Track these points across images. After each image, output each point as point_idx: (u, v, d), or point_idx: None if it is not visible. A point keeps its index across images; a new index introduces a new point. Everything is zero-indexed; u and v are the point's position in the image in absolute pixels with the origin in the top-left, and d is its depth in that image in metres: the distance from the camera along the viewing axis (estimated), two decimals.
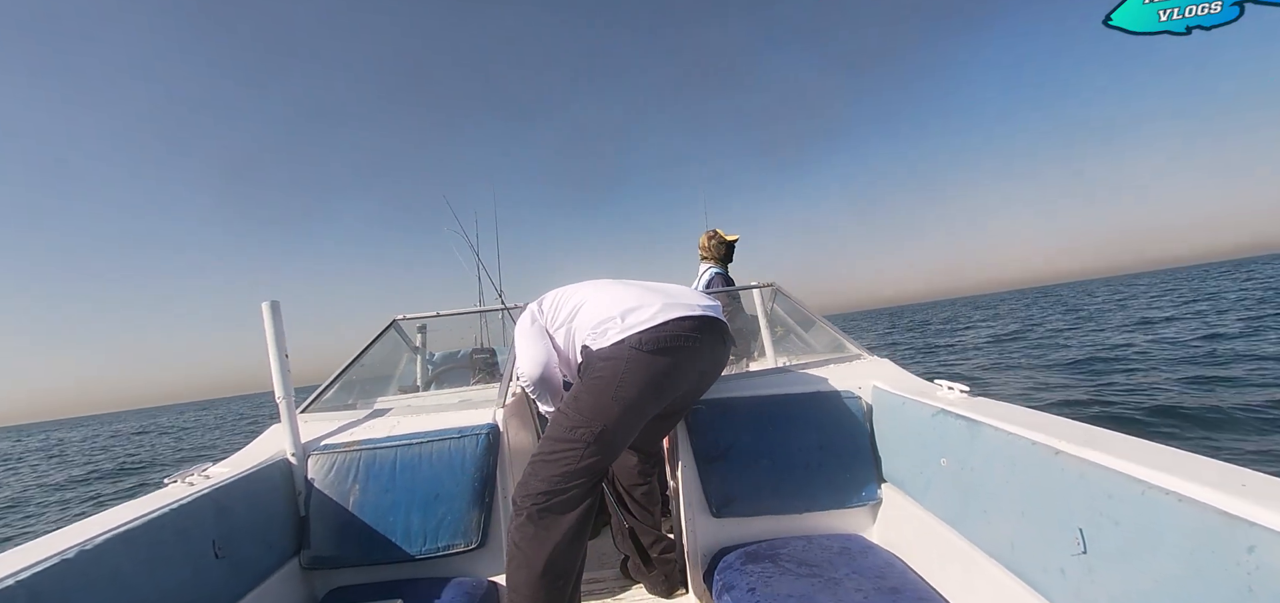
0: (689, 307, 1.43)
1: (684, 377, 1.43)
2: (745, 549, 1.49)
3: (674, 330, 1.38)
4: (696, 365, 1.45)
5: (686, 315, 1.40)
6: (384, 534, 1.50)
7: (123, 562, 1.05)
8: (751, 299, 2.83)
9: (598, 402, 1.34)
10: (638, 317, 1.39)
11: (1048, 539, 0.98)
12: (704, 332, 1.43)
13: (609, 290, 1.52)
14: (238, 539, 1.33)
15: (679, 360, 1.38)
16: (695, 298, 1.50)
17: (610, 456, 1.37)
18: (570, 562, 1.32)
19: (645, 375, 1.34)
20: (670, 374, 1.38)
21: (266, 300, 1.53)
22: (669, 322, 1.38)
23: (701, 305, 1.46)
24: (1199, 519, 0.73)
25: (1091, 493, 0.90)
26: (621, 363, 1.35)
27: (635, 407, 1.34)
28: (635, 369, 1.34)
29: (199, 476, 1.41)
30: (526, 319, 1.63)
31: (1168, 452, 0.87)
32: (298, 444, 1.60)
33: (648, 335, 1.36)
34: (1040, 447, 1.02)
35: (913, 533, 1.45)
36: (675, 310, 1.40)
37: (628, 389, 1.33)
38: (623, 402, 1.33)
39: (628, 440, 1.42)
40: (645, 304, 1.42)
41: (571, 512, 1.31)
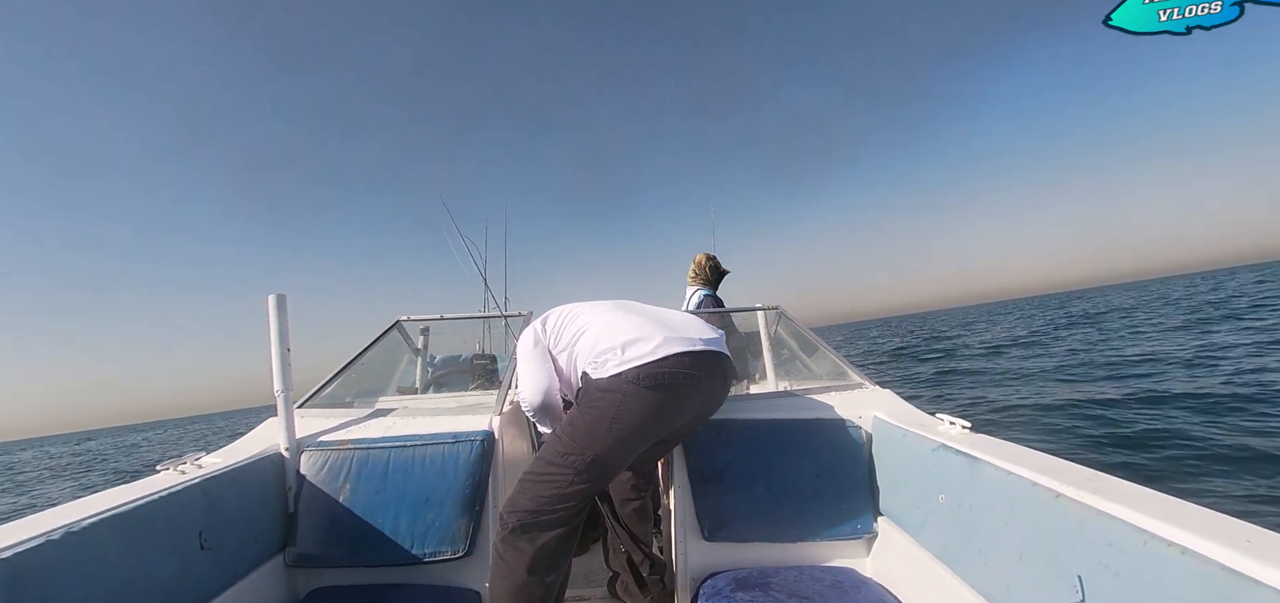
0: (690, 341, 1.42)
1: (681, 413, 1.43)
2: (736, 576, 1.46)
3: (673, 367, 1.37)
4: (694, 402, 1.45)
5: (686, 351, 1.39)
6: (371, 536, 1.48)
7: (108, 546, 1.04)
8: (750, 319, 2.82)
9: (592, 431, 1.34)
10: (637, 349, 1.38)
11: (1045, 585, 0.95)
12: (703, 367, 1.42)
13: (611, 317, 1.52)
14: (224, 531, 1.33)
15: (676, 396, 1.38)
16: (698, 330, 1.48)
17: (600, 483, 1.39)
18: (552, 579, 1.32)
19: (641, 410, 1.34)
20: (667, 409, 1.38)
21: (273, 294, 1.54)
22: (669, 357, 1.37)
23: (703, 339, 1.45)
24: (1201, 574, 0.71)
25: (1092, 540, 0.87)
26: (619, 396, 1.34)
27: (629, 439, 1.35)
28: (632, 403, 1.33)
29: (191, 464, 1.41)
30: (530, 339, 1.62)
31: (1173, 502, 0.85)
32: (292, 439, 1.60)
33: (645, 371, 1.35)
34: (1042, 489, 1.00)
35: (907, 569, 1.42)
36: (675, 344, 1.39)
37: (623, 423, 1.33)
38: (617, 434, 1.33)
39: (619, 470, 1.43)
40: (646, 336, 1.41)
41: (555, 531, 1.32)
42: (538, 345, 1.60)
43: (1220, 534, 0.73)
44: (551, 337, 1.61)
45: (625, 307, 1.59)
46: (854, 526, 1.55)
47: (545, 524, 1.31)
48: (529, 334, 1.63)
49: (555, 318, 1.64)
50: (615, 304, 1.61)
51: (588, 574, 2.08)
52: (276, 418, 1.61)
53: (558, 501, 1.32)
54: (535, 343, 1.60)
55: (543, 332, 1.63)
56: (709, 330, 1.51)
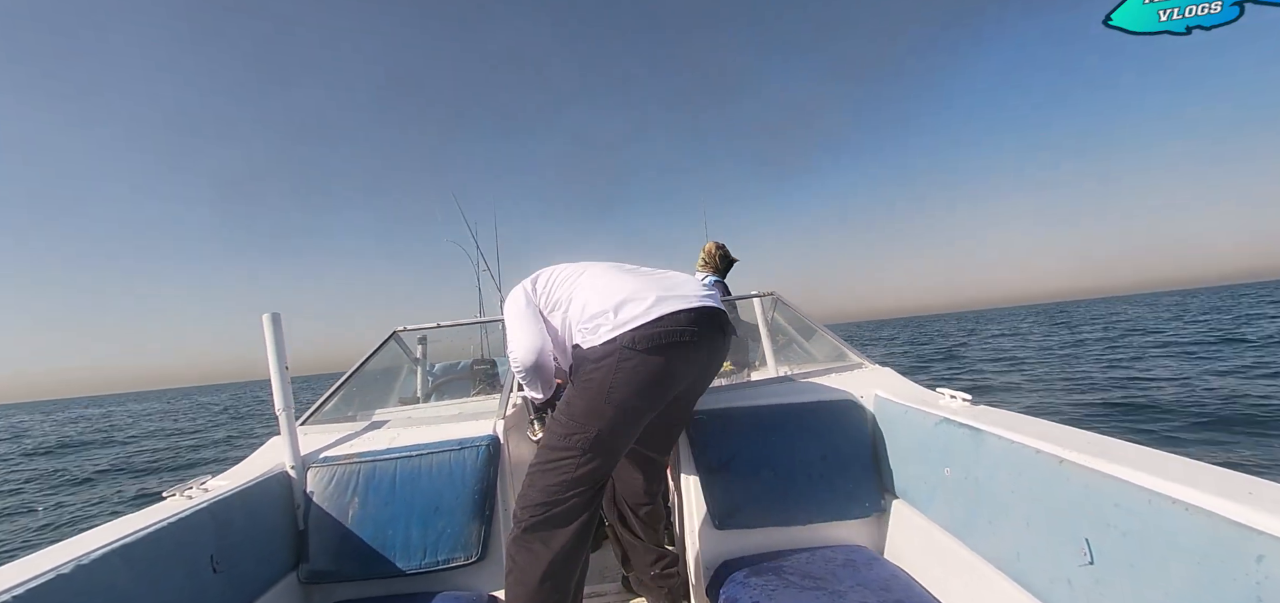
0: (685, 298, 1.36)
1: (682, 375, 1.37)
2: (748, 562, 1.48)
3: (669, 326, 1.31)
4: (694, 362, 1.39)
5: (682, 308, 1.33)
6: (383, 548, 1.48)
7: (120, 577, 1.03)
8: (748, 307, 2.83)
9: (591, 406, 1.29)
10: (630, 311, 1.32)
11: (1054, 550, 0.97)
12: (701, 324, 1.36)
13: (602, 278, 1.46)
14: (236, 554, 1.32)
15: (674, 358, 1.32)
16: (691, 287, 1.43)
17: (609, 461, 1.33)
18: (568, 575, 1.28)
19: (640, 376, 1.28)
20: (666, 373, 1.32)
21: (267, 313, 1.53)
22: (664, 317, 1.31)
23: (698, 296, 1.40)
24: (1207, 528, 0.72)
25: (1098, 502, 0.89)
26: (614, 363, 1.29)
27: (631, 409, 1.30)
28: (628, 370, 1.28)
29: (197, 488, 1.40)
30: (519, 298, 1.55)
31: (1175, 460, 0.87)
32: (297, 457, 1.59)
33: (641, 333, 1.29)
34: (1045, 456, 1.01)
35: (917, 544, 1.44)
36: (670, 303, 1.34)
37: (621, 391, 1.28)
38: (616, 404, 1.28)
39: (626, 444, 1.37)
40: (638, 296, 1.35)
41: (570, 524, 1.28)
42: (529, 305, 1.54)
43: (1223, 488, 0.75)
44: (541, 296, 1.55)
45: (618, 267, 1.53)
46: (862, 504, 1.57)
47: (559, 518, 1.27)
48: (518, 293, 1.56)
49: (546, 278, 1.58)
50: (608, 265, 1.54)
51: (602, 570, 2.09)
52: (280, 436, 1.60)
53: (568, 487, 1.27)
54: (526, 302, 1.54)
55: (532, 291, 1.56)
56: (702, 288, 1.46)
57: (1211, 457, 3.49)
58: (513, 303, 1.55)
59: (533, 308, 1.54)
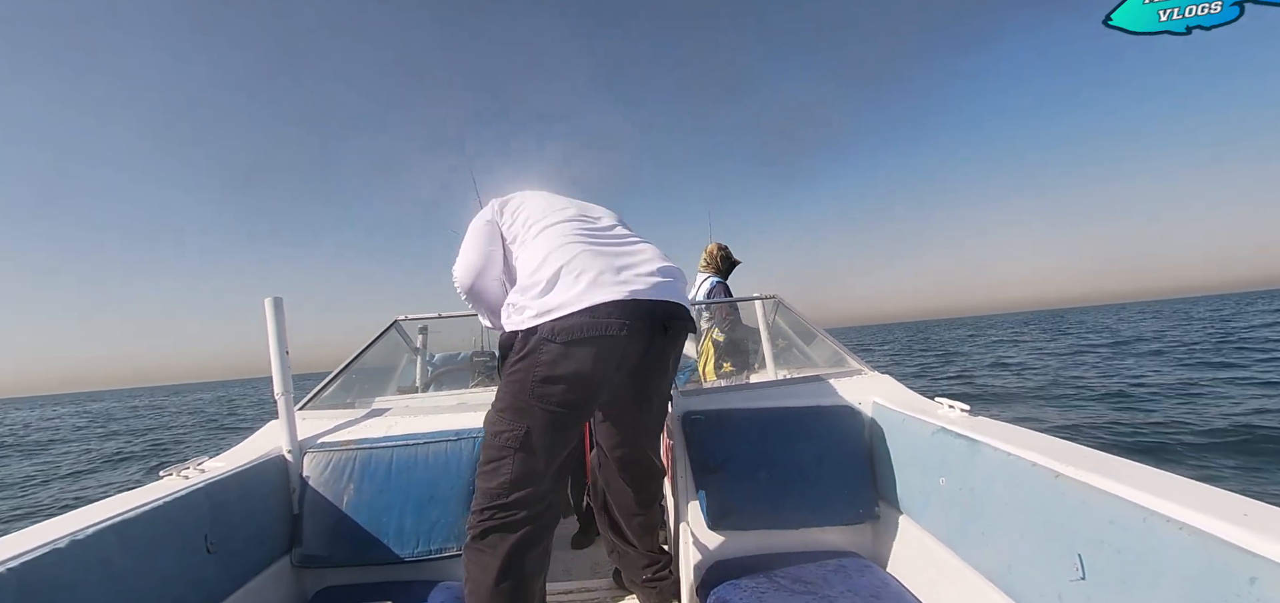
0: (622, 282, 1.20)
1: (609, 376, 1.21)
2: (741, 563, 1.48)
3: (588, 321, 1.15)
4: (628, 359, 1.23)
5: (612, 300, 1.17)
6: (376, 535, 1.49)
7: (114, 553, 1.04)
8: (751, 311, 2.83)
9: (517, 402, 1.19)
10: (558, 296, 1.19)
11: (1046, 564, 0.97)
12: (638, 318, 1.20)
13: (551, 236, 1.32)
14: (230, 535, 1.33)
15: (601, 355, 1.17)
16: (644, 270, 1.26)
17: (547, 460, 1.20)
18: (525, 583, 1.17)
19: (564, 371, 1.15)
20: (592, 371, 1.17)
21: (269, 296, 1.54)
22: (595, 306, 1.16)
23: (646, 282, 1.23)
24: (1201, 549, 0.72)
25: (1092, 518, 0.88)
26: (533, 358, 1.17)
27: (559, 407, 1.17)
28: (546, 364, 1.16)
29: (194, 469, 1.41)
30: (483, 216, 1.45)
31: (1171, 479, 0.86)
32: (294, 441, 1.60)
33: (562, 324, 1.16)
34: (1041, 469, 1.01)
35: (910, 553, 1.44)
36: (602, 290, 1.18)
37: (546, 387, 1.16)
38: (543, 400, 1.16)
39: (565, 444, 1.24)
40: (576, 272, 1.21)
41: (518, 531, 1.16)
42: (490, 225, 1.44)
43: (1218, 509, 0.74)
44: (507, 223, 1.44)
45: (576, 228, 1.35)
46: (856, 510, 1.57)
47: (506, 524, 1.16)
48: (485, 213, 1.46)
49: (515, 205, 1.46)
50: (566, 226, 1.35)
51: (593, 567, 2.10)
52: (278, 421, 1.61)
53: (509, 490, 1.16)
54: (485, 222, 1.44)
55: (500, 215, 1.45)
56: (657, 269, 1.29)
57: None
58: (475, 222, 1.47)
59: (493, 230, 1.44)
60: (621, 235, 1.38)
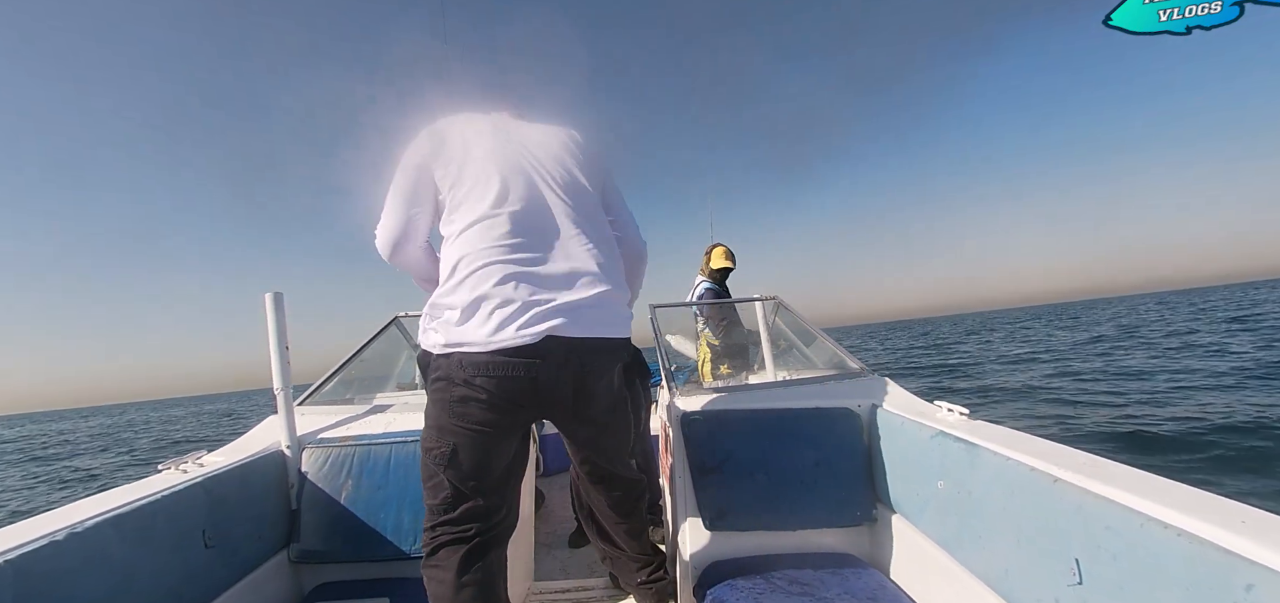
0: (534, 319, 1.06)
1: (529, 406, 1.12)
2: (737, 564, 1.48)
3: (493, 360, 1.06)
4: (546, 392, 1.11)
5: (519, 345, 1.05)
6: (374, 531, 1.49)
7: (112, 546, 1.04)
8: (750, 313, 2.83)
9: (440, 421, 1.11)
10: (467, 332, 1.07)
11: (1043, 569, 0.97)
12: (548, 358, 1.08)
13: (467, 244, 1.13)
14: (228, 529, 1.33)
15: (511, 393, 1.09)
16: (564, 292, 1.11)
17: (479, 477, 1.12)
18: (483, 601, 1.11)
19: (477, 398, 1.08)
20: (506, 404, 1.09)
21: (269, 291, 1.54)
22: (495, 351, 1.05)
23: (566, 315, 1.09)
24: (1198, 555, 0.72)
25: (1089, 523, 0.88)
26: (449, 381, 1.09)
27: (479, 427, 1.09)
28: (464, 390, 1.08)
29: (193, 463, 1.41)
30: (413, 158, 1.21)
31: (1168, 485, 0.86)
32: (293, 437, 1.60)
33: (468, 360, 1.06)
34: (1039, 474, 1.01)
35: (907, 556, 1.43)
36: (511, 330, 1.05)
37: (462, 408, 1.09)
38: (462, 419, 1.09)
39: (499, 458, 1.15)
40: (489, 307, 1.07)
41: (465, 546, 1.11)
42: (419, 173, 1.21)
43: (1215, 516, 0.74)
44: (440, 176, 1.20)
45: (504, 223, 1.13)
46: (854, 513, 1.57)
47: (457, 538, 1.11)
48: (415, 151, 1.22)
49: (452, 152, 1.20)
50: (498, 214, 1.13)
51: (589, 566, 2.10)
52: (277, 416, 1.61)
53: (455, 504, 1.11)
54: (415, 169, 1.21)
55: (434, 161, 1.20)
56: (585, 299, 1.12)
57: None
58: (405, 156, 1.23)
59: (421, 184, 1.21)
60: (560, 234, 1.17)
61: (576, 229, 1.18)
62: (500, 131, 1.24)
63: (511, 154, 1.20)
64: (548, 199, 1.19)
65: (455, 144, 1.21)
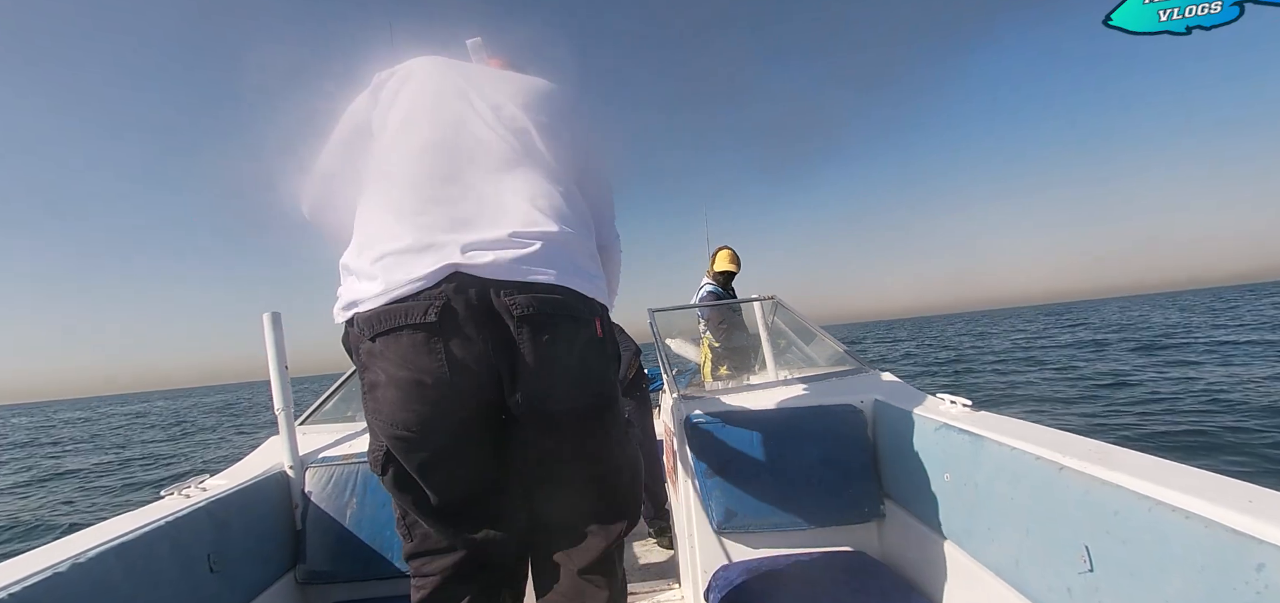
0: (441, 247, 0.80)
1: (445, 386, 0.79)
2: (747, 566, 1.47)
3: (390, 307, 0.79)
4: (470, 362, 0.79)
5: (428, 286, 0.79)
6: (380, 550, 1.48)
7: (116, 576, 1.03)
8: (749, 313, 2.83)
9: (366, 410, 0.86)
10: (368, 284, 0.82)
11: (1054, 557, 0.97)
12: (460, 302, 0.78)
13: (381, 180, 0.91)
14: (233, 553, 1.32)
15: (411, 354, 0.78)
16: (487, 223, 0.84)
17: (434, 491, 0.85)
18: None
19: (380, 377, 0.81)
20: (414, 384, 0.78)
21: (267, 312, 1.53)
22: (389, 294, 0.79)
23: (484, 252, 0.80)
24: (1207, 537, 0.72)
25: (1098, 510, 0.89)
26: (357, 358, 0.86)
27: (399, 427, 0.80)
28: (368, 368, 0.83)
29: (196, 488, 1.40)
30: (354, 111, 1.00)
31: (1175, 468, 0.86)
32: (295, 457, 1.59)
33: (366, 321, 0.81)
34: (1045, 462, 1.01)
35: (916, 550, 1.43)
36: (411, 262, 0.80)
37: (376, 398, 0.82)
38: (379, 416, 0.82)
39: (447, 472, 0.85)
40: (396, 237, 0.82)
41: (430, 576, 0.92)
42: (356, 134, 0.99)
43: (1223, 497, 0.74)
44: (378, 121, 0.97)
45: (427, 154, 0.90)
46: (861, 509, 1.57)
47: (421, 567, 0.93)
48: (359, 103, 1.00)
49: (396, 88, 0.98)
50: (423, 145, 0.91)
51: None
52: (279, 436, 1.60)
53: (411, 532, 0.92)
54: (353, 129, 0.99)
55: (375, 106, 0.98)
56: (511, 233, 0.83)
57: None
58: (348, 110, 1.01)
59: (356, 140, 0.98)
60: (491, 163, 0.90)
61: (517, 174, 0.90)
62: (453, 70, 1.01)
63: (455, 82, 0.97)
64: (484, 123, 0.93)
65: (400, 75, 0.99)
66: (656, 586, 1.96)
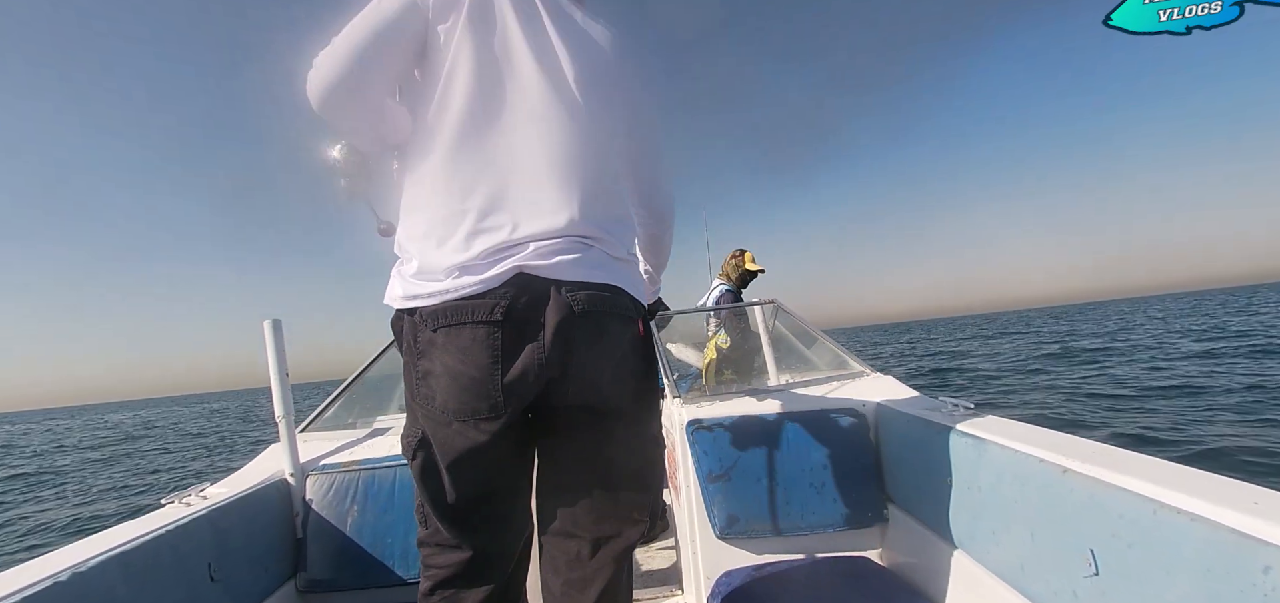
0: (510, 252, 0.80)
1: (496, 383, 0.80)
2: (750, 572, 1.47)
3: (460, 313, 0.80)
4: (532, 361, 0.80)
5: (483, 290, 0.79)
6: (381, 558, 1.48)
7: (117, 585, 1.03)
8: (750, 318, 2.83)
9: (408, 398, 0.88)
10: (431, 282, 0.82)
11: (1058, 561, 0.96)
12: (523, 313, 0.80)
13: (433, 170, 0.84)
14: (233, 562, 1.31)
15: (480, 358, 0.79)
16: (530, 211, 0.82)
17: (454, 486, 0.85)
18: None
19: (442, 367, 0.81)
20: (476, 374, 0.79)
21: (268, 319, 1.53)
22: (462, 300, 0.79)
23: (535, 245, 0.81)
24: (1213, 539, 0.72)
25: (1103, 513, 0.88)
26: (408, 343, 0.86)
27: (445, 418, 0.82)
28: (426, 356, 0.83)
29: (196, 496, 1.40)
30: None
31: (1180, 470, 0.86)
32: (296, 464, 1.59)
33: (429, 314, 0.82)
34: (1049, 465, 1.00)
35: (919, 554, 1.43)
36: (480, 266, 0.80)
37: (428, 386, 0.83)
38: (426, 403, 0.83)
39: (473, 470, 0.85)
40: (459, 231, 0.81)
41: (441, 571, 0.91)
42: (404, 29, 0.83)
43: (1228, 499, 0.74)
44: (434, 33, 0.84)
45: (470, 139, 0.84)
46: (864, 514, 1.56)
47: (433, 564, 0.92)
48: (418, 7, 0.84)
49: (454, 22, 0.84)
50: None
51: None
52: (279, 444, 1.60)
53: (426, 521, 0.91)
54: (399, 18, 0.82)
55: (430, 14, 0.84)
56: (560, 226, 0.82)
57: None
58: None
59: (409, 14, 0.82)
60: (555, 136, 0.85)
61: (571, 153, 0.86)
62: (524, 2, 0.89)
63: (518, 31, 0.87)
64: (550, 102, 0.86)
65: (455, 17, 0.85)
66: (659, 592, 1.95)
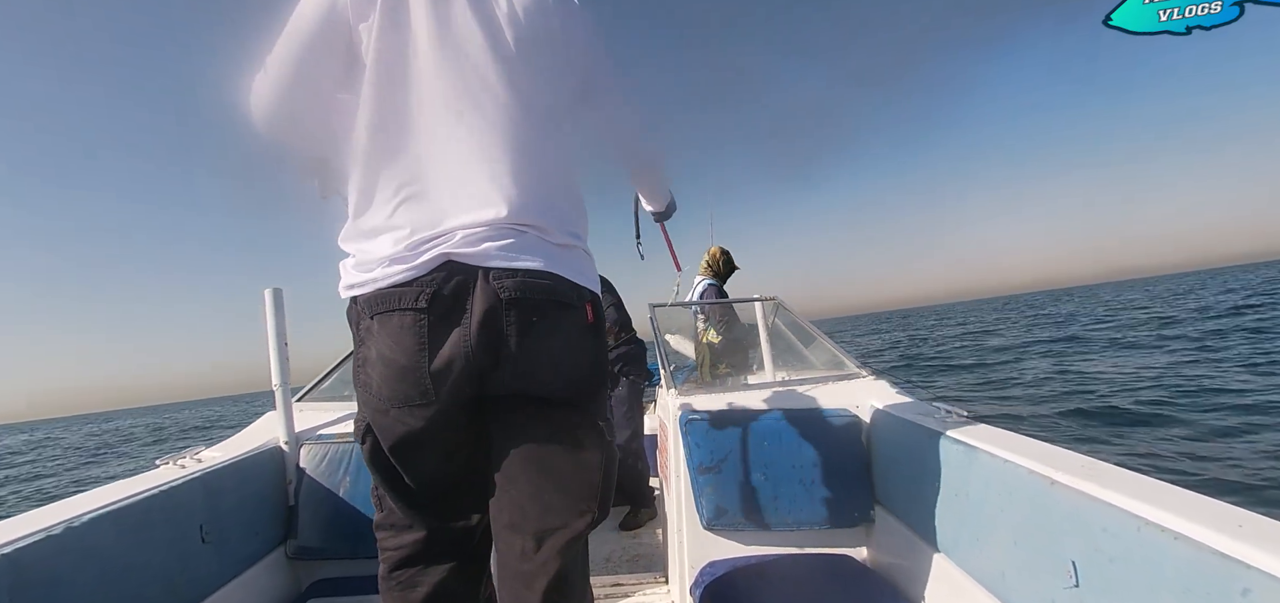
0: (438, 241, 0.78)
1: (423, 371, 0.78)
2: (734, 564, 1.48)
3: (390, 301, 0.78)
4: (452, 351, 0.78)
5: (411, 278, 0.77)
6: (372, 528, 1.50)
7: (109, 541, 1.04)
8: (748, 310, 2.83)
9: (356, 382, 0.85)
10: (365, 272, 0.81)
11: (1040, 571, 0.97)
12: (449, 300, 0.78)
13: (362, 167, 0.82)
14: (225, 525, 1.33)
15: (407, 344, 0.77)
16: (458, 193, 0.80)
17: (403, 469, 0.85)
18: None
19: (376, 354, 0.80)
20: (405, 361, 0.78)
21: (269, 288, 1.54)
22: (389, 289, 0.78)
23: (464, 232, 0.78)
24: (1195, 559, 0.72)
25: (1086, 526, 0.88)
26: (353, 331, 0.85)
27: (381, 404, 0.81)
28: (365, 343, 0.82)
29: (191, 459, 1.42)
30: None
31: (1166, 488, 0.86)
32: (291, 433, 1.61)
33: (366, 302, 0.80)
34: (1036, 476, 1.01)
35: (904, 557, 1.44)
36: (408, 254, 0.78)
37: (366, 373, 0.82)
38: (365, 389, 0.83)
39: (420, 457, 0.84)
40: (389, 223, 0.80)
41: (391, 556, 0.91)
42: (325, 31, 0.81)
43: (1213, 520, 0.74)
44: (364, 42, 0.82)
45: (423, 96, 0.82)
46: (851, 514, 1.57)
47: (386, 550, 0.92)
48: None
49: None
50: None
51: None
52: (275, 412, 1.61)
53: (380, 504, 0.92)
54: (324, 22, 0.81)
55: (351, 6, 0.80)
56: (514, 197, 0.80)
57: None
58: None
59: (332, 24, 0.81)
60: (483, 115, 0.82)
61: (502, 138, 0.83)
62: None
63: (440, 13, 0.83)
64: (477, 74, 0.83)
65: None
66: (643, 579, 1.97)
